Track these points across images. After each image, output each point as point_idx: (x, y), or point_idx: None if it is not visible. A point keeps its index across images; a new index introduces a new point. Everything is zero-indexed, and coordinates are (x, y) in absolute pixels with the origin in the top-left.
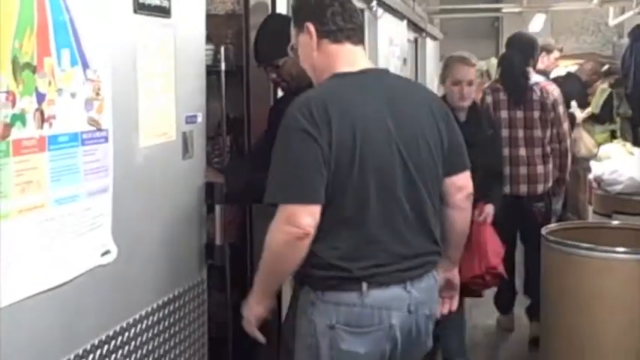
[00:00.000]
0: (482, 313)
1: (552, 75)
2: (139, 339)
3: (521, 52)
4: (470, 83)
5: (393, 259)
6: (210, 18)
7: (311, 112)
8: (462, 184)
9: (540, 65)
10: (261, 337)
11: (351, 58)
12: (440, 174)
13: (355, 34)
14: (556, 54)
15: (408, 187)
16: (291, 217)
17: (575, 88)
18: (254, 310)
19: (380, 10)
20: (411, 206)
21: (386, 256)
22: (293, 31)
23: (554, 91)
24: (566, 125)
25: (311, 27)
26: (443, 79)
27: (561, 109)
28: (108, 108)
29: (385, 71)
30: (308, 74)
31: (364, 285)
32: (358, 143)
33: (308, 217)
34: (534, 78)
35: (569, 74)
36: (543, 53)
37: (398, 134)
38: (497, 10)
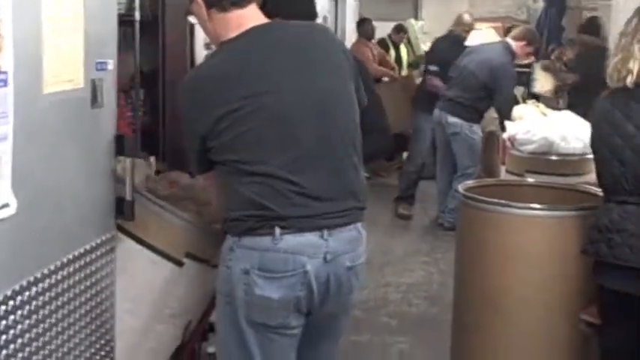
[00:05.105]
0: (395, 271)
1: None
2: (41, 298)
3: None
4: None
5: (308, 204)
6: None
7: (193, 92)
8: None
9: None
10: None
11: (239, 23)
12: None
13: None
14: None
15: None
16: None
17: None
18: None
19: None
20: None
21: (301, 201)
22: None
23: None
24: None
25: None
26: None
27: None
28: (8, 48)
29: (275, 23)
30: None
31: (277, 230)
32: (258, 97)
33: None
34: None
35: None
36: None
37: (303, 77)
38: None
